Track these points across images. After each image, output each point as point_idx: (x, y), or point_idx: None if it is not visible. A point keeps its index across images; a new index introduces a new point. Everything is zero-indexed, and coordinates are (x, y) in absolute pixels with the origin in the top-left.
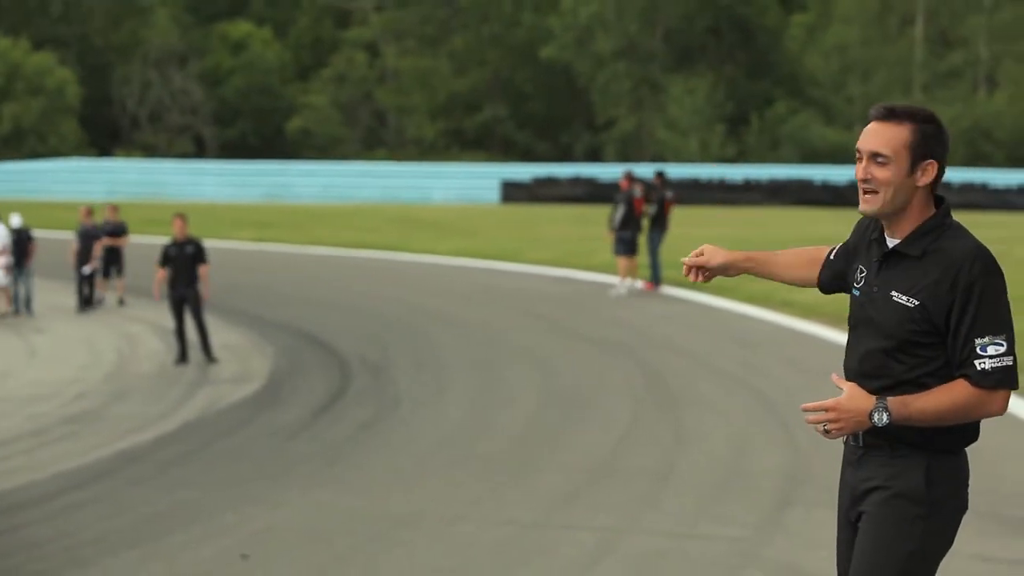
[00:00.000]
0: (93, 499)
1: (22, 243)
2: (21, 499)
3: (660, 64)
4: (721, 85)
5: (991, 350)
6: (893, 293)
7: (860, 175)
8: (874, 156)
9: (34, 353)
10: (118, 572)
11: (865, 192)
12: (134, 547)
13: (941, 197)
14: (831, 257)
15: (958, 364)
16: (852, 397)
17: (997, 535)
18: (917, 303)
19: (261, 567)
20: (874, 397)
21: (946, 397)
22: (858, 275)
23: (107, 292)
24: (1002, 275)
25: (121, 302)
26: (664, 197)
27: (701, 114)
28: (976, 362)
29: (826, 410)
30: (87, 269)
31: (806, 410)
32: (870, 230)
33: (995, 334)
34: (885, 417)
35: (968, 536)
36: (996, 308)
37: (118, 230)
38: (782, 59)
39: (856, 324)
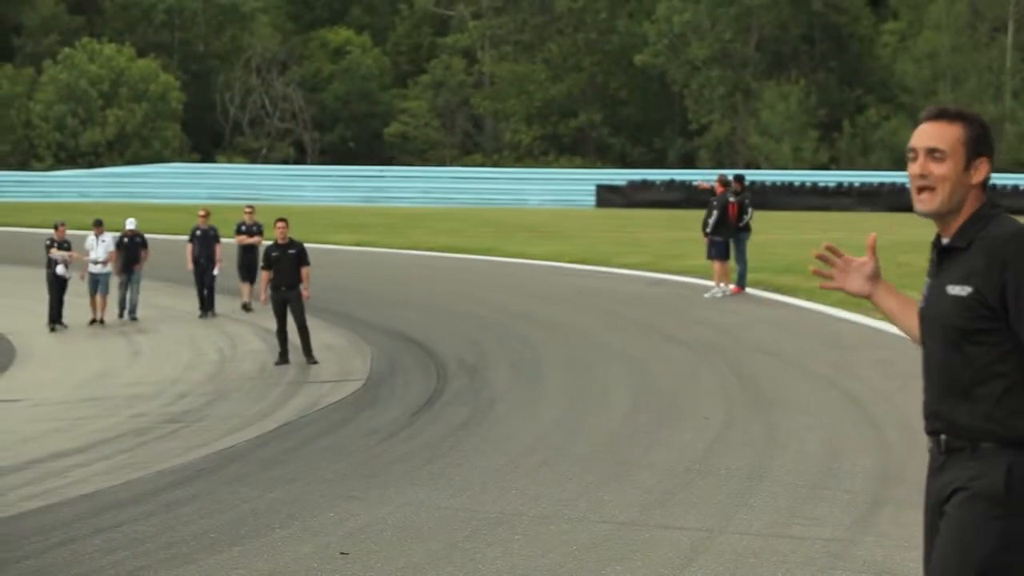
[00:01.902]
0: (195, 496)
1: (135, 248)
2: (124, 496)
3: (753, 70)
4: (814, 91)
5: None
6: (948, 287)
7: (917, 171)
8: (931, 152)
9: (137, 353)
10: (219, 568)
11: (921, 191)
12: (235, 544)
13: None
14: None
15: None
16: None
17: None
18: (970, 290)
19: (359, 563)
20: None
21: None
22: (925, 289)
23: (247, 297)
24: None
25: (246, 308)
26: (743, 201)
27: (794, 120)
28: None
29: None
30: (216, 271)
31: None
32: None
33: None
34: None
35: None
36: None
37: (256, 230)
38: (874, 66)
39: (924, 334)
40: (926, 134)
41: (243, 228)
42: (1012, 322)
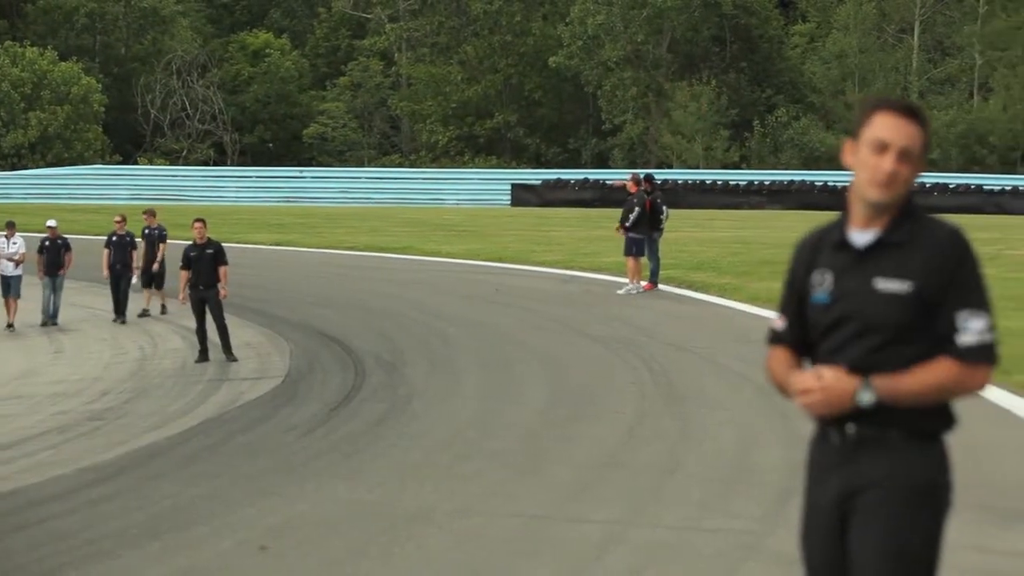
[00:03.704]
0: (116, 493)
1: (57, 251)
2: (47, 493)
3: (665, 71)
4: (725, 92)
5: (974, 325)
6: (878, 282)
7: (888, 167)
8: (905, 152)
9: (60, 352)
10: (140, 564)
11: (882, 183)
12: (156, 539)
13: None
14: (788, 319)
15: (942, 340)
16: (837, 377)
17: (993, 527)
18: (909, 286)
19: (278, 558)
20: (857, 377)
21: (931, 375)
22: (819, 278)
23: (154, 301)
24: (978, 255)
25: (162, 310)
26: (656, 200)
27: (705, 120)
28: (960, 337)
29: (807, 390)
30: (135, 278)
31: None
32: (827, 236)
33: (978, 308)
34: (870, 396)
35: (965, 528)
36: (979, 285)
37: (157, 233)
38: (783, 67)
39: (830, 328)
40: (903, 132)
41: (145, 232)
42: (943, 315)
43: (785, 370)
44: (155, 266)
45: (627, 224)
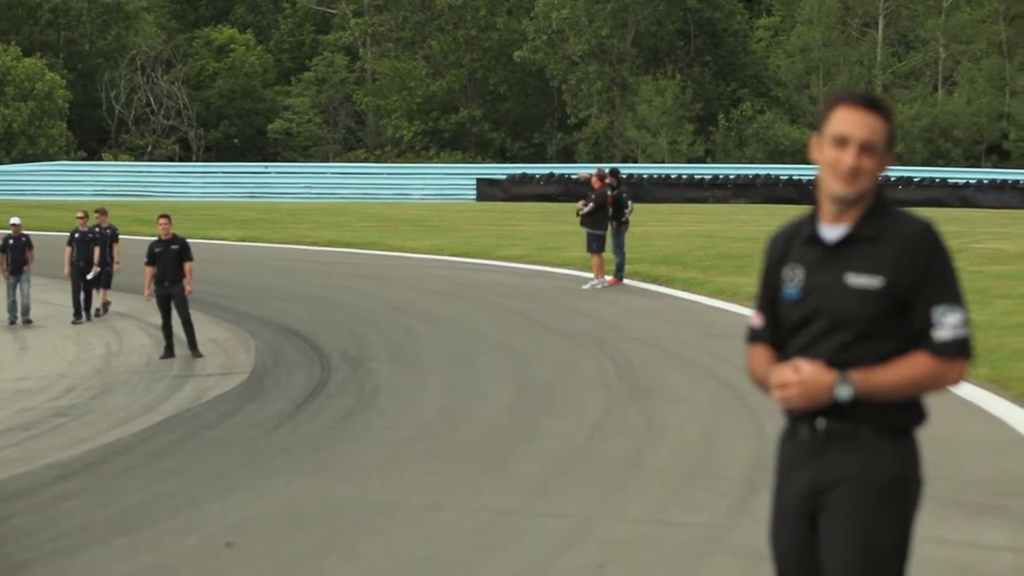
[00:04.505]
0: (81, 489)
1: (20, 249)
2: (11, 490)
3: (630, 66)
4: (689, 86)
5: (950, 319)
6: (848, 277)
7: (850, 162)
8: (866, 146)
9: (24, 348)
10: (105, 561)
11: (845, 177)
12: (121, 536)
13: None
14: (765, 316)
15: (917, 335)
16: (815, 370)
17: (957, 519)
18: (880, 281)
19: (244, 554)
20: (835, 371)
21: (908, 369)
22: (790, 273)
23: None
24: (949, 250)
25: (104, 309)
26: (620, 195)
27: (670, 114)
28: (936, 332)
29: (784, 384)
30: (91, 275)
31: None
32: (799, 231)
33: (952, 303)
34: (847, 390)
35: (929, 520)
36: (953, 279)
37: (109, 233)
38: (748, 61)
39: (801, 324)
40: (863, 125)
41: (97, 231)
42: (916, 311)
43: (765, 368)
44: (116, 267)
45: (581, 212)
